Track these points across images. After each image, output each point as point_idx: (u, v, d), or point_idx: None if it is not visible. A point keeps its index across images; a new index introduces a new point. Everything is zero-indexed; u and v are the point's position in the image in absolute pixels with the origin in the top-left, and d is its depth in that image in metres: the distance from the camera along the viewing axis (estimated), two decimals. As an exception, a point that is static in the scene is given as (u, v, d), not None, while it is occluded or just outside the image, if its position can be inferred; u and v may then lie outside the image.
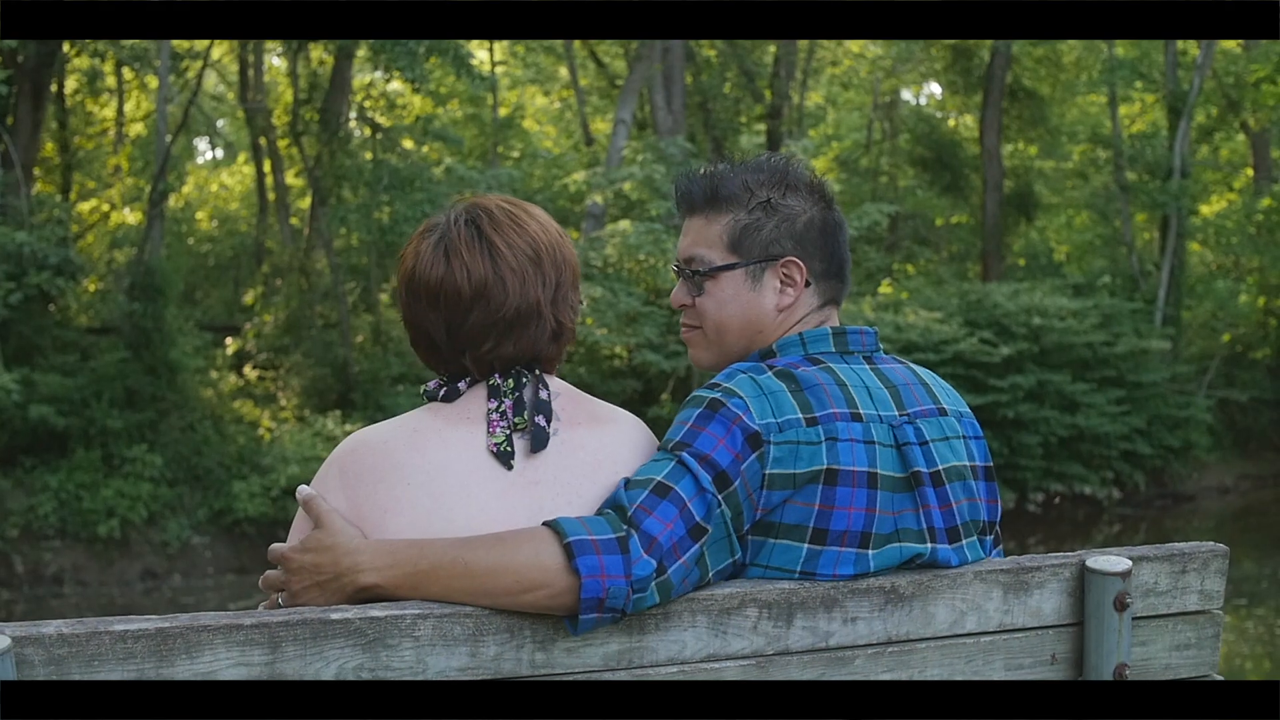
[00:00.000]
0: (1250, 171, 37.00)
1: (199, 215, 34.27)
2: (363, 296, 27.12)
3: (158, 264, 22.26)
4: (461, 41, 24.21)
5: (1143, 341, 28.31)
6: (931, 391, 2.91)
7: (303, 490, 2.64)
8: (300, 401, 24.46)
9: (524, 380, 2.71)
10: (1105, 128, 35.67)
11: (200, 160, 40.01)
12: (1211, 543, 2.98)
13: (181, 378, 22.23)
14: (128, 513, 20.38)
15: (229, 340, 26.43)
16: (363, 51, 25.47)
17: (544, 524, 2.48)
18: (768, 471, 2.62)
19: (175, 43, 24.08)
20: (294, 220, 29.68)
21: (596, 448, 2.70)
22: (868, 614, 2.67)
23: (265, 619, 2.29)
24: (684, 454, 2.59)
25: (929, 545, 2.75)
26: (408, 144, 26.83)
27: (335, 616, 2.33)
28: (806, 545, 2.65)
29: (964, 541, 2.82)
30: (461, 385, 2.72)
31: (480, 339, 2.70)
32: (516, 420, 2.65)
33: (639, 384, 25.31)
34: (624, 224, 24.57)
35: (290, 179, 30.20)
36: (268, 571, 2.64)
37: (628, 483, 2.58)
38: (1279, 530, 26.73)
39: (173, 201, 26.35)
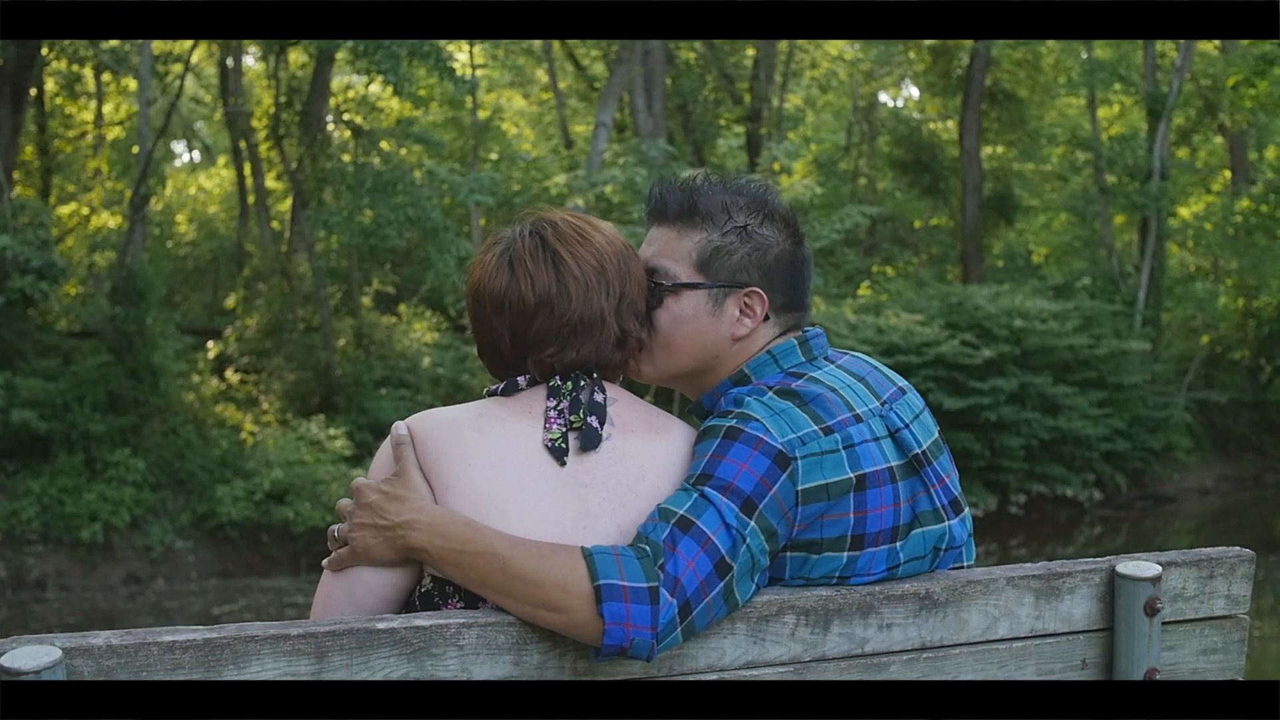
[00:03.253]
0: (1228, 173, 37.14)
1: (178, 219, 34.17)
2: (344, 300, 27.05)
3: (140, 268, 22.17)
4: (442, 44, 24.20)
5: (1123, 343, 28.37)
6: (885, 375, 2.95)
7: (399, 431, 2.70)
8: (282, 405, 24.40)
9: (582, 383, 2.75)
10: (1084, 130, 35.76)
11: (178, 163, 39.86)
12: (1238, 548, 2.99)
13: (164, 382, 22.16)
14: (110, 517, 20.31)
15: (211, 344, 26.35)
16: (343, 54, 25.41)
17: (581, 550, 2.50)
18: (800, 488, 2.63)
19: (156, 46, 24.02)
20: (275, 224, 29.60)
21: (645, 458, 2.72)
22: (902, 620, 2.69)
23: (312, 629, 2.30)
24: (706, 487, 2.59)
25: (945, 523, 2.81)
26: (386, 146, 26.76)
27: (381, 626, 2.35)
28: (846, 553, 2.68)
29: (963, 514, 2.88)
30: (521, 381, 2.77)
31: (543, 345, 2.75)
32: (573, 419, 2.69)
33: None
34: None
35: (270, 182, 30.12)
36: (343, 499, 2.71)
37: (659, 513, 2.58)
38: (1259, 532, 26.78)
39: (153, 205, 26.23)
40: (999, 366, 26.48)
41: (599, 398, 2.74)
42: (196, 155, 41.86)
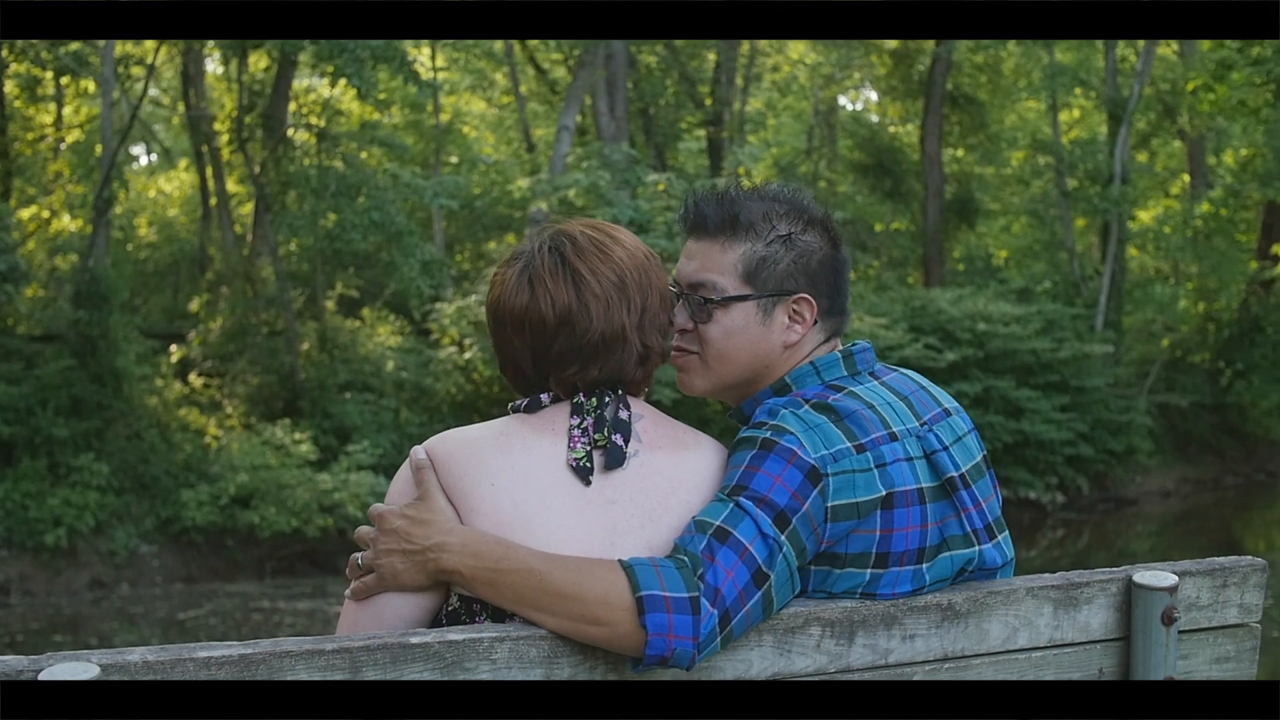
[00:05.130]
0: (1187, 177, 37.38)
1: (138, 221, 34.02)
2: (308, 303, 26.97)
3: (103, 271, 22.09)
4: (407, 48, 24.17)
5: (1085, 346, 28.52)
6: (933, 395, 2.95)
7: (419, 456, 2.67)
8: (246, 409, 24.32)
9: (606, 400, 2.74)
10: (1045, 134, 35.92)
11: (137, 166, 39.66)
12: (1251, 557, 3.01)
13: (127, 386, 22.07)
14: (75, 522, 20.21)
15: (174, 348, 26.24)
16: (305, 56, 25.34)
17: (620, 563, 2.50)
18: (830, 504, 2.63)
19: (117, 48, 23.90)
20: (237, 228, 29.49)
21: (673, 474, 2.72)
22: (925, 631, 2.70)
23: (346, 644, 2.31)
24: (741, 498, 2.60)
25: (976, 548, 2.80)
26: (350, 148, 26.68)
27: (415, 641, 2.35)
28: (870, 570, 2.68)
29: (999, 537, 2.88)
30: (544, 398, 2.76)
31: (566, 364, 2.73)
32: (597, 437, 2.68)
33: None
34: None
35: (232, 185, 30.01)
36: (362, 526, 2.68)
37: (695, 525, 2.58)
38: (1219, 534, 26.94)
39: (115, 208, 26.10)
40: (962, 370, 26.60)
41: (624, 415, 2.73)
42: (154, 158, 41.70)
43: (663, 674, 2.53)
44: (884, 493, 2.68)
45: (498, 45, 33.25)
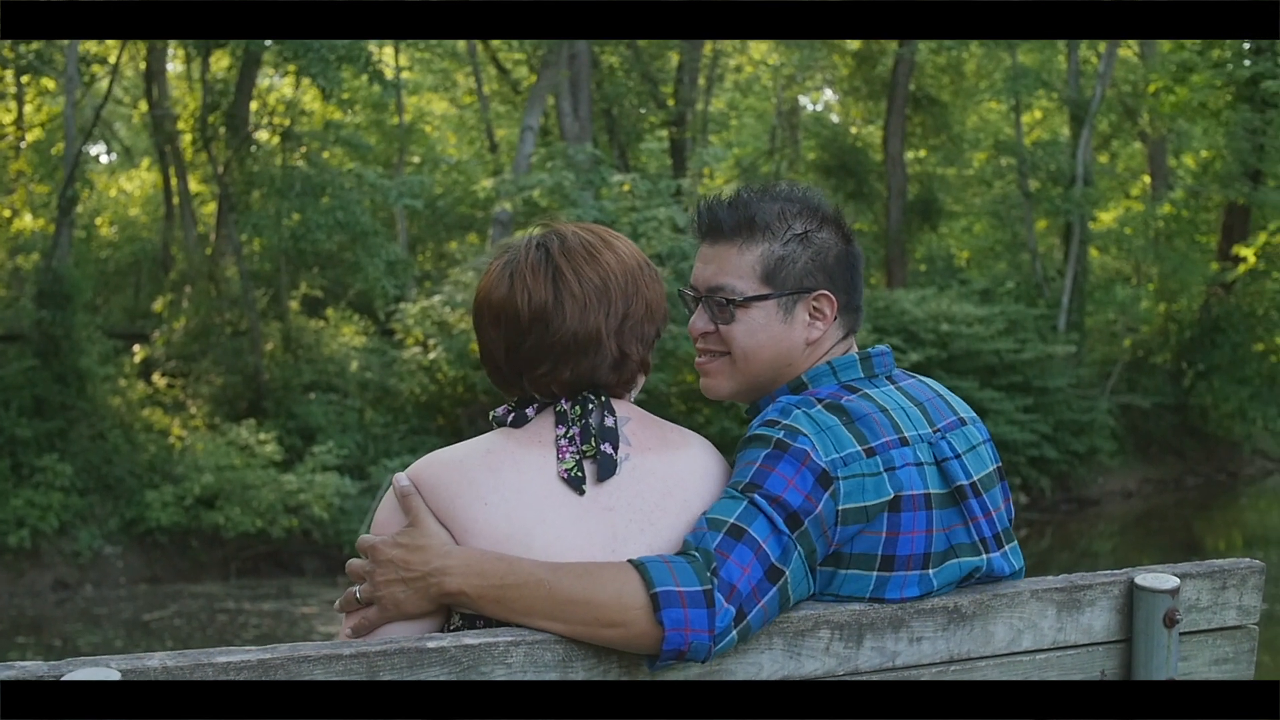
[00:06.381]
0: (1147, 179, 37.59)
1: (98, 221, 33.84)
2: (272, 303, 26.90)
3: (66, 271, 22.00)
4: (371, 48, 24.13)
5: (1048, 347, 28.66)
6: (949, 403, 2.96)
7: (401, 483, 2.64)
8: (211, 410, 24.23)
9: (590, 407, 2.71)
10: (1007, 135, 36.07)
11: (97, 165, 39.44)
12: (1249, 559, 3.03)
13: (90, 386, 21.98)
14: (38, 523, 20.11)
15: (137, 347, 26.13)
16: (269, 56, 25.29)
17: (630, 563, 2.50)
18: (840, 508, 2.64)
19: (81, 46, 23.80)
20: (200, 227, 29.40)
21: (667, 474, 2.70)
22: (932, 633, 2.71)
23: (364, 648, 2.31)
24: (755, 495, 2.60)
25: (984, 556, 2.81)
26: (314, 147, 26.64)
27: (431, 645, 2.35)
28: (875, 573, 2.69)
29: (1007, 547, 2.88)
30: (529, 411, 2.73)
31: (536, 362, 2.71)
32: (585, 447, 2.66)
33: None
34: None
35: (195, 185, 29.91)
36: (352, 560, 2.64)
37: (707, 522, 2.58)
38: (1180, 534, 27.12)
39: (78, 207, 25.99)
40: (926, 371, 26.60)
41: (609, 421, 2.71)
42: (114, 157, 41.49)
43: (675, 674, 2.53)
44: (891, 495, 2.69)
45: (460, 45, 33.24)
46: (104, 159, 40.26)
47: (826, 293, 2.91)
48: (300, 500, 21.18)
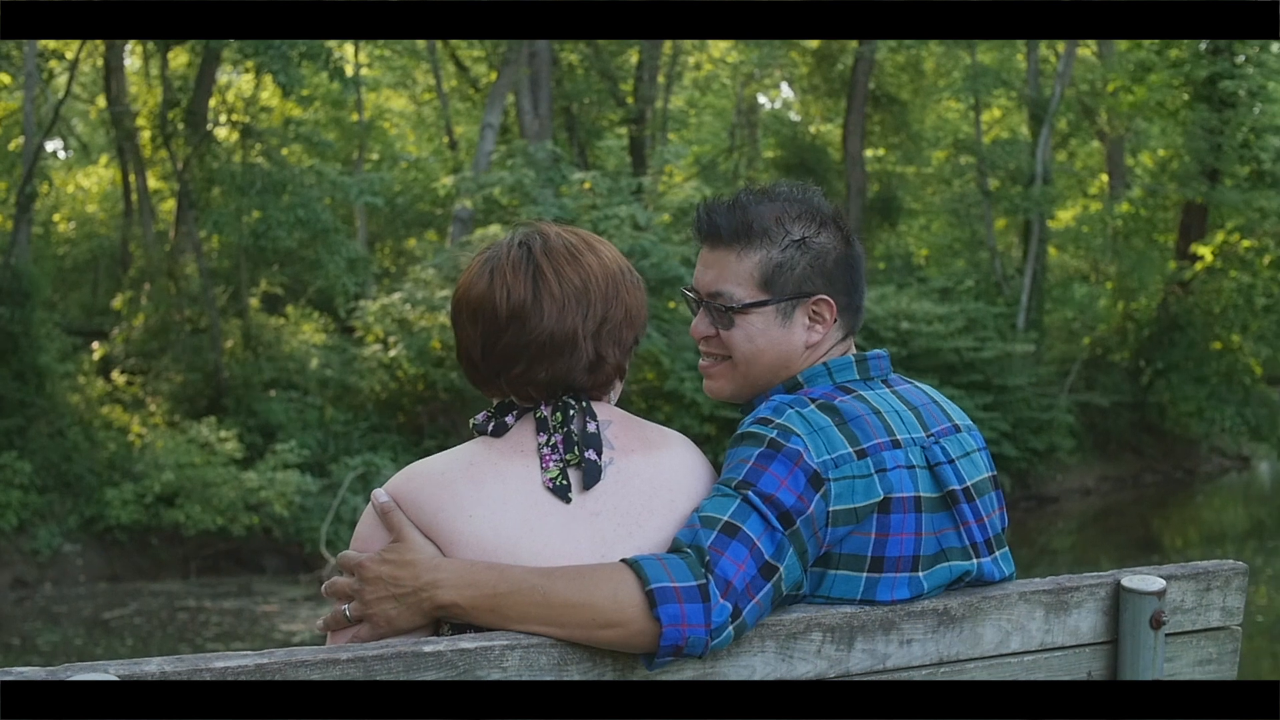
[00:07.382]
0: (1105, 177, 37.78)
1: (56, 217, 33.69)
2: (231, 301, 26.81)
3: (25, 268, 21.89)
4: (332, 46, 24.08)
5: (1007, 345, 28.77)
6: (944, 409, 2.96)
7: (381, 499, 2.61)
8: (171, 407, 24.14)
9: (571, 412, 2.70)
10: (966, 133, 36.20)
11: (54, 162, 39.23)
12: (1233, 560, 3.05)
13: (49, 383, 21.89)
14: (-3, 520, 20.05)
15: (96, 345, 26.02)
16: (229, 53, 25.19)
17: (624, 562, 2.49)
18: (831, 509, 2.64)
19: (40, 43, 23.70)
20: (159, 224, 29.26)
21: (652, 475, 2.69)
22: (922, 636, 2.71)
23: (361, 652, 2.29)
24: (749, 493, 2.59)
25: (974, 561, 2.80)
26: (273, 144, 26.55)
27: (428, 649, 2.33)
28: (865, 575, 2.69)
29: (998, 553, 2.88)
30: (509, 419, 2.71)
31: (512, 361, 2.69)
32: (569, 456, 2.64)
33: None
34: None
35: (154, 182, 29.78)
36: (335, 578, 2.61)
37: (700, 520, 2.58)
38: (1138, 531, 27.29)
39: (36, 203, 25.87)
40: (885, 369, 26.68)
41: (591, 427, 2.69)
42: (71, 153, 41.27)
43: (669, 675, 2.53)
44: (881, 497, 2.68)
45: (420, 43, 33.18)
46: (61, 155, 40.04)
47: (825, 297, 2.91)
48: (261, 498, 21.11)
